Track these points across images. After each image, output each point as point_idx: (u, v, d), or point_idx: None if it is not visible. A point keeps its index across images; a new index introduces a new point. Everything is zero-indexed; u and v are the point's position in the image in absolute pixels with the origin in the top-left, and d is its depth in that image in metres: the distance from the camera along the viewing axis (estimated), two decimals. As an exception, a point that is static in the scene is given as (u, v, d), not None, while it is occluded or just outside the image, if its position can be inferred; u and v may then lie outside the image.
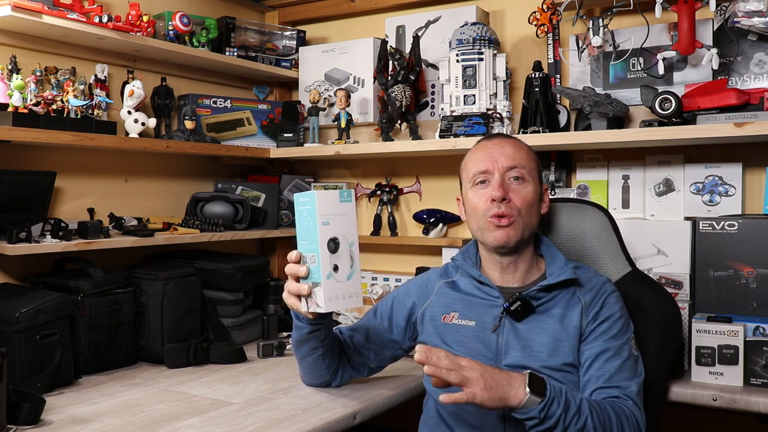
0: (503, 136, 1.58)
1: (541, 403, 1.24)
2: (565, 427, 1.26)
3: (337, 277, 1.38)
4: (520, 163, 1.49)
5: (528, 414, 1.25)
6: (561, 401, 1.26)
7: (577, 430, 1.27)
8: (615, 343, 1.41)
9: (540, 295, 1.46)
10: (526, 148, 1.54)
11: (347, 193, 1.40)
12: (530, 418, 1.25)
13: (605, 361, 1.39)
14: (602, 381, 1.37)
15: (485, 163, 1.50)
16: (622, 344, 1.42)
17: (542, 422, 1.25)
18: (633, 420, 1.34)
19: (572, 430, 1.26)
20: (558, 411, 1.25)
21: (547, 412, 1.25)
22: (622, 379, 1.38)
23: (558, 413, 1.25)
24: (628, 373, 1.39)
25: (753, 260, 1.73)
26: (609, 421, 1.30)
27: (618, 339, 1.42)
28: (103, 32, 1.98)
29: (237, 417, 1.45)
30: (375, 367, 1.65)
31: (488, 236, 1.48)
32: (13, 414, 1.37)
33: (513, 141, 1.55)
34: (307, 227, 1.39)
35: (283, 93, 2.84)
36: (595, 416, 1.29)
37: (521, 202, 1.47)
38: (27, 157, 1.97)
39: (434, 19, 2.43)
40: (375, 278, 2.56)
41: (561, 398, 1.27)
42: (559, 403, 1.26)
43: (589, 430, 1.27)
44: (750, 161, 1.99)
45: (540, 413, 1.24)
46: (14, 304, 1.64)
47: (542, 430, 1.26)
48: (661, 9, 1.93)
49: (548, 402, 1.25)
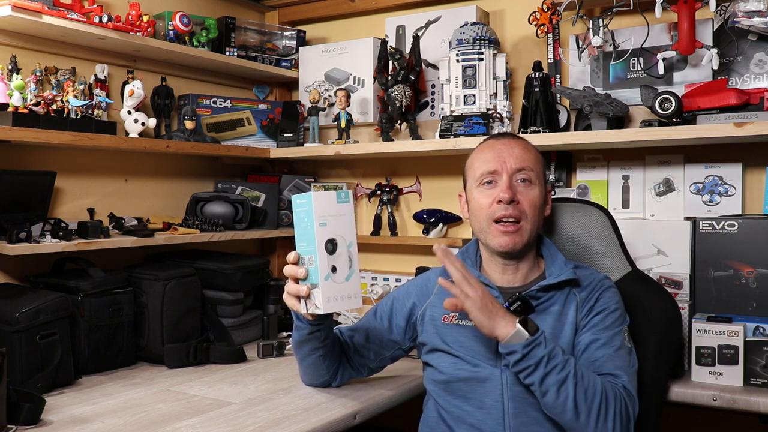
0: (512, 136, 1.57)
1: (527, 340, 1.28)
2: (546, 373, 1.28)
3: (335, 278, 1.37)
4: (528, 165, 1.49)
5: (512, 348, 1.28)
6: (547, 347, 1.29)
7: (558, 380, 1.28)
8: (606, 333, 1.42)
9: (539, 295, 1.46)
10: (533, 150, 1.54)
11: (345, 194, 1.39)
12: (513, 352, 1.29)
13: (595, 350, 1.40)
14: (593, 369, 1.38)
15: (493, 163, 1.49)
16: (614, 334, 1.42)
17: (524, 359, 1.28)
18: (621, 400, 1.33)
19: (552, 378, 1.28)
20: (541, 353, 1.28)
21: (531, 350, 1.28)
22: (613, 368, 1.38)
23: (540, 355, 1.28)
24: (620, 362, 1.39)
25: (753, 260, 1.73)
26: (593, 387, 1.30)
27: (609, 330, 1.42)
28: (103, 32, 1.98)
29: (237, 417, 1.45)
30: (375, 367, 1.65)
31: (493, 241, 1.48)
32: (13, 414, 1.37)
33: (522, 142, 1.54)
34: (304, 229, 1.39)
35: (283, 93, 2.84)
36: (579, 376, 1.30)
37: (528, 204, 1.47)
38: (27, 157, 1.97)
39: (434, 19, 2.43)
40: (375, 278, 2.56)
41: (548, 345, 1.30)
42: (545, 347, 1.29)
43: (568, 385, 1.28)
44: (750, 161, 1.99)
45: (524, 349, 1.28)
46: (14, 304, 1.64)
47: (523, 368, 1.29)
48: (661, 9, 1.93)
49: (534, 341, 1.28)
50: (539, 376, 1.28)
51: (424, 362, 1.58)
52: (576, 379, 1.29)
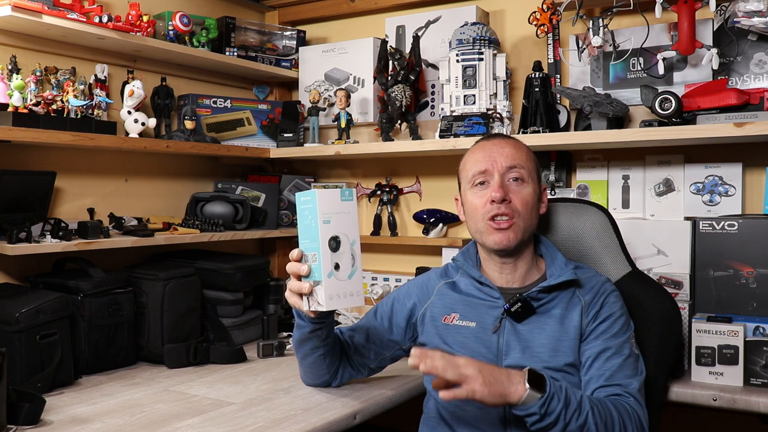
0: (502, 137, 1.58)
1: (541, 398, 1.24)
2: (566, 423, 1.26)
3: (338, 275, 1.38)
4: (520, 163, 1.49)
5: (528, 410, 1.25)
6: (561, 397, 1.26)
7: (579, 426, 1.26)
8: (615, 341, 1.41)
9: (540, 296, 1.46)
10: (525, 149, 1.54)
11: (349, 192, 1.40)
12: (531, 414, 1.25)
13: (606, 360, 1.39)
14: (603, 379, 1.37)
15: (484, 163, 1.50)
16: (623, 342, 1.42)
17: (543, 418, 1.25)
18: (635, 417, 1.33)
19: (573, 426, 1.26)
20: (558, 407, 1.25)
21: (548, 407, 1.24)
22: (623, 377, 1.38)
23: (558, 409, 1.25)
24: (629, 371, 1.39)
25: (753, 260, 1.73)
26: (611, 418, 1.30)
27: (618, 337, 1.42)
28: (103, 32, 1.98)
29: (237, 417, 1.45)
30: (375, 367, 1.65)
31: (488, 239, 1.48)
32: (13, 414, 1.37)
33: (512, 141, 1.55)
34: (308, 226, 1.39)
35: (283, 93, 2.84)
36: (596, 412, 1.28)
37: (521, 203, 1.47)
38: (27, 157, 1.97)
39: (434, 19, 2.43)
40: (375, 278, 2.56)
41: (561, 394, 1.26)
42: (559, 399, 1.26)
43: (590, 427, 1.27)
44: (750, 161, 1.99)
45: (540, 409, 1.24)
46: (14, 304, 1.64)
47: (543, 426, 1.26)
48: (661, 9, 1.93)
49: (548, 397, 1.24)
50: (560, 428, 1.26)
51: (424, 362, 1.58)
52: (595, 418, 1.28)
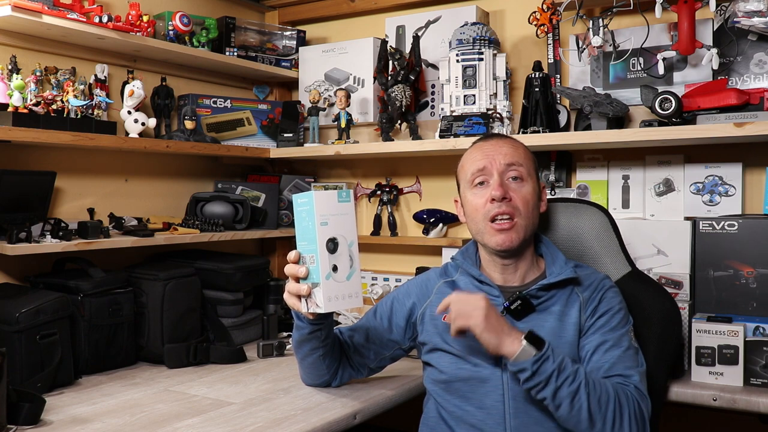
0: (499, 136, 1.59)
1: (535, 356, 1.27)
2: (558, 387, 1.27)
3: (336, 277, 1.38)
4: (518, 160, 1.50)
5: (521, 366, 1.28)
6: (556, 360, 1.28)
7: (570, 392, 1.27)
8: (613, 334, 1.41)
9: (540, 294, 1.46)
10: (522, 148, 1.55)
11: (346, 193, 1.40)
12: (523, 369, 1.28)
13: (604, 352, 1.39)
14: (603, 371, 1.38)
15: (483, 162, 1.50)
16: (621, 335, 1.42)
17: (534, 375, 1.27)
18: (634, 403, 1.33)
19: (565, 391, 1.27)
20: (551, 368, 1.27)
21: (540, 366, 1.27)
22: (623, 368, 1.38)
23: (551, 370, 1.27)
24: (629, 362, 1.39)
25: (753, 260, 1.73)
26: (606, 394, 1.30)
27: (616, 330, 1.42)
28: (103, 32, 1.98)
29: (237, 417, 1.45)
30: (375, 367, 1.65)
31: (490, 240, 1.48)
32: (13, 414, 1.37)
33: (510, 140, 1.56)
34: (305, 228, 1.39)
35: (283, 93, 2.84)
36: (590, 385, 1.29)
37: (521, 201, 1.47)
38: (27, 157, 1.97)
39: (434, 19, 2.43)
40: (375, 278, 2.56)
41: (557, 358, 1.29)
42: (553, 361, 1.28)
43: (581, 396, 1.28)
44: (750, 161, 1.99)
45: (533, 366, 1.27)
46: (14, 304, 1.64)
47: (534, 385, 1.28)
48: (661, 9, 1.93)
49: (542, 357, 1.27)
50: (551, 390, 1.28)
51: (424, 362, 1.58)
52: (588, 389, 1.29)
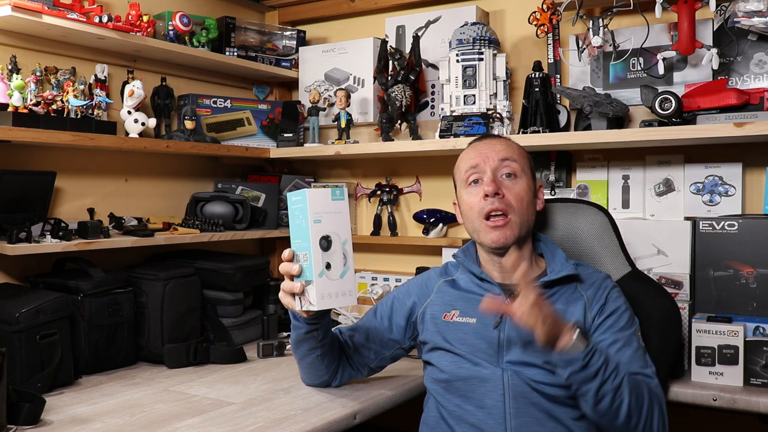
0: (493, 136, 1.61)
1: (586, 347, 1.25)
2: (603, 381, 1.27)
3: (329, 275, 1.37)
4: (511, 157, 1.51)
5: (573, 356, 1.25)
6: (602, 355, 1.28)
7: (613, 387, 1.27)
8: (623, 334, 1.42)
9: (542, 291, 1.46)
10: (516, 146, 1.56)
11: (339, 191, 1.40)
12: (574, 360, 1.26)
13: (617, 351, 1.40)
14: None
15: (476, 159, 1.52)
16: (631, 335, 1.42)
17: (584, 369, 1.26)
18: (659, 399, 1.35)
19: (609, 386, 1.27)
20: (599, 362, 1.27)
21: (590, 359, 1.26)
22: (638, 367, 1.38)
23: (599, 364, 1.26)
24: (642, 362, 1.40)
25: (753, 260, 1.73)
26: (640, 391, 1.31)
27: (626, 330, 1.43)
28: (103, 32, 1.98)
29: (237, 417, 1.45)
30: (375, 367, 1.65)
31: (485, 238, 1.49)
32: (13, 414, 1.37)
33: (503, 139, 1.58)
34: (299, 226, 1.39)
35: (283, 93, 2.84)
36: (630, 381, 1.30)
37: (515, 198, 1.47)
38: (27, 157, 1.97)
39: (434, 19, 2.43)
40: (375, 278, 2.56)
41: (603, 353, 1.29)
42: (600, 354, 1.28)
43: (623, 391, 1.28)
44: (750, 161, 1.99)
45: (585, 358, 1.25)
46: (14, 304, 1.64)
47: (582, 378, 1.27)
48: (661, 9, 1.93)
49: (591, 350, 1.26)
50: (597, 384, 1.27)
51: (424, 361, 1.58)
52: (630, 386, 1.29)
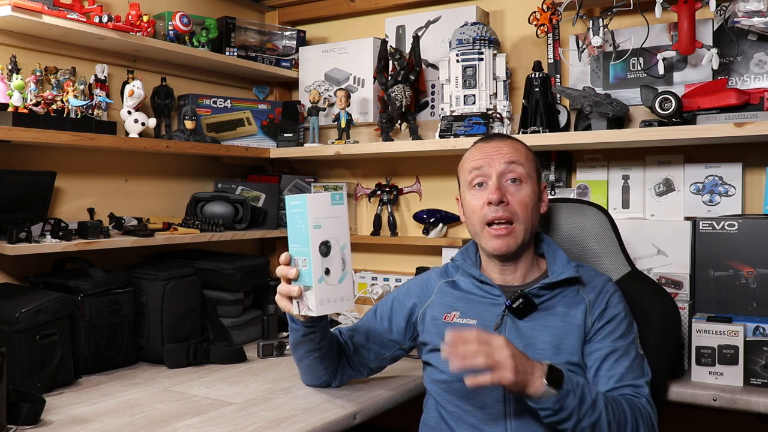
0: (501, 136, 1.57)
1: (556, 395, 1.25)
2: (579, 419, 1.27)
3: (328, 280, 1.37)
4: (518, 161, 1.49)
5: (543, 404, 1.26)
6: (577, 394, 1.27)
7: (592, 422, 1.28)
8: (622, 343, 1.42)
9: (542, 293, 1.46)
10: (523, 148, 1.54)
11: (339, 196, 1.39)
12: (545, 408, 1.27)
13: (615, 362, 1.40)
14: (614, 381, 1.38)
15: (481, 162, 1.50)
16: (629, 344, 1.42)
17: (556, 413, 1.27)
18: (647, 417, 1.34)
19: (586, 422, 1.28)
20: (573, 403, 1.27)
21: (562, 404, 1.26)
22: (632, 378, 1.38)
23: (572, 406, 1.26)
24: (638, 372, 1.40)
25: (753, 260, 1.73)
26: (624, 416, 1.31)
27: (625, 339, 1.42)
28: (103, 32, 1.98)
29: (237, 417, 1.45)
30: (375, 367, 1.65)
31: (487, 244, 1.48)
32: (13, 414, 1.37)
33: (510, 141, 1.54)
34: (298, 230, 1.38)
35: (283, 93, 2.84)
36: (610, 411, 1.30)
37: (519, 205, 1.47)
38: (27, 157, 1.97)
39: (434, 19, 2.43)
40: (375, 278, 2.56)
41: (577, 391, 1.28)
42: (574, 395, 1.27)
43: (602, 425, 1.28)
44: (750, 161, 1.99)
45: (555, 405, 1.26)
46: (14, 304, 1.64)
47: (556, 420, 1.28)
48: (661, 9, 1.93)
49: (563, 395, 1.26)
50: (573, 423, 1.28)
51: (424, 362, 1.58)
52: (609, 417, 1.29)
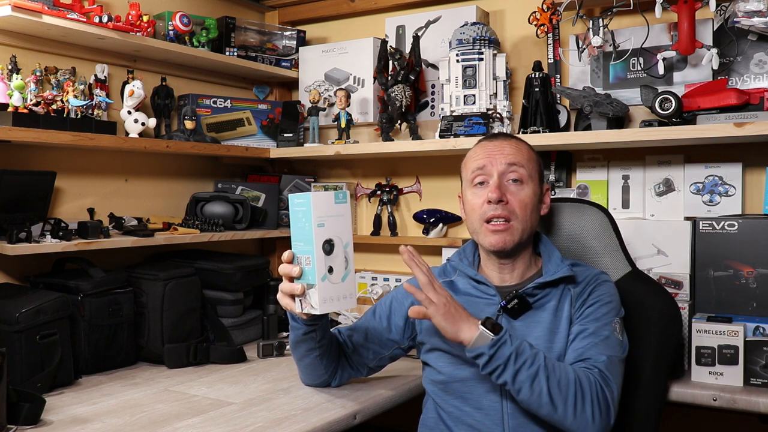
0: (505, 136, 1.57)
1: (492, 340, 1.28)
2: (516, 370, 1.28)
3: (331, 278, 1.37)
4: (520, 162, 1.49)
5: (478, 351, 1.28)
6: (514, 344, 1.29)
7: (530, 375, 1.28)
8: (595, 324, 1.41)
9: (536, 292, 1.47)
10: (526, 149, 1.54)
11: (342, 195, 1.40)
12: (480, 354, 1.29)
13: (581, 339, 1.40)
14: (574, 356, 1.38)
15: (483, 161, 1.50)
16: (603, 325, 1.41)
17: (491, 359, 1.28)
18: (597, 387, 1.32)
19: (523, 375, 1.28)
20: (508, 351, 1.28)
21: (497, 350, 1.28)
22: (593, 354, 1.37)
23: (507, 354, 1.28)
24: (603, 349, 1.38)
25: (753, 260, 1.73)
26: (566, 377, 1.30)
27: (600, 321, 1.42)
28: (103, 32, 1.98)
29: (237, 417, 1.45)
30: (374, 366, 1.65)
31: (484, 240, 1.49)
32: (13, 414, 1.37)
33: (513, 141, 1.54)
34: (302, 229, 1.38)
35: (283, 93, 2.84)
36: (549, 368, 1.30)
37: (519, 205, 1.47)
38: (27, 157, 1.97)
39: (434, 19, 2.43)
40: (375, 278, 2.56)
41: (515, 342, 1.30)
42: (511, 344, 1.29)
43: (540, 378, 1.28)
44: (750, 161, 1.99)
45: (490, 349, 1.27)
46: (14, 304, 1.64)
47: (493, 369, 1.29)
48: (661, 9, 1.93)
49: (499, 340, 1.28)
50: (510, 374, 1.29)
51: (423, 362, 1.58)
52: (548, 372, 1.29)
